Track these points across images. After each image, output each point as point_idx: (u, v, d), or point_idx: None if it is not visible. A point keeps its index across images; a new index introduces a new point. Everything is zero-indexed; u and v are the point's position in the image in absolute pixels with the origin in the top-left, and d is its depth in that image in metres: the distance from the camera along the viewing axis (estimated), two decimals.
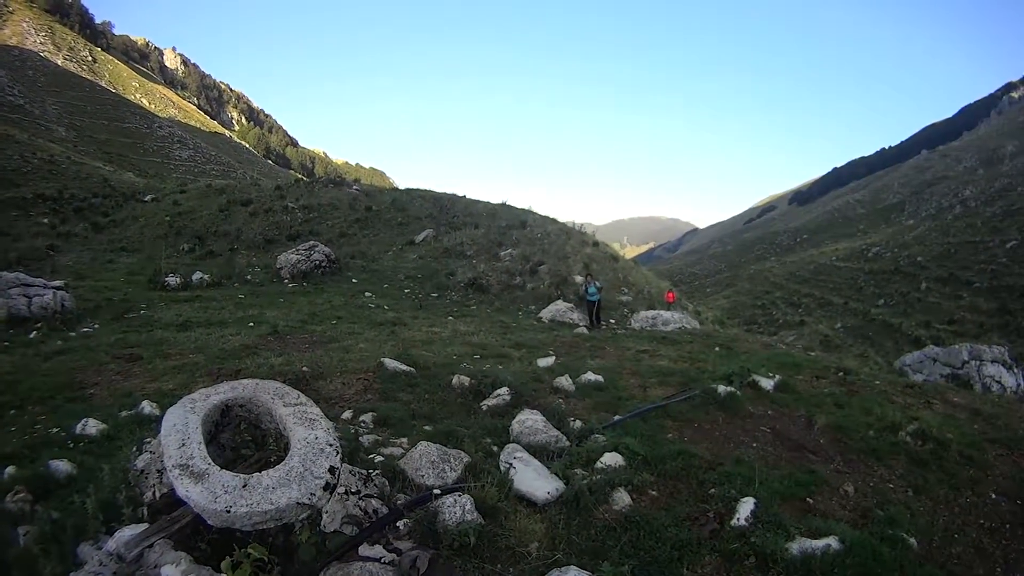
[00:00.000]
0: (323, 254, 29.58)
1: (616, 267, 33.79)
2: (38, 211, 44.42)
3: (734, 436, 9.55)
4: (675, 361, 14.75)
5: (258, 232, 37.65)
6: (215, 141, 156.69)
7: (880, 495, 7.80)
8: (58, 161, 63.62)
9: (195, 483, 5.40)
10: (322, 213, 42.17)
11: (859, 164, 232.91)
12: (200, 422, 6.33)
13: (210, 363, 13.68)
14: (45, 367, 13.55)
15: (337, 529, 5.99)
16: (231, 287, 25.94)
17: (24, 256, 29.56)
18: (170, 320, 18.76)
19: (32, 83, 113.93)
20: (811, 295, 74.09)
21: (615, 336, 19.43)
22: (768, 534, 6.09)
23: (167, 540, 5.52)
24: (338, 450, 6.22)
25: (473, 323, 21.04)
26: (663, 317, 23.14)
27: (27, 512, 7.21)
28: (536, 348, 16.74)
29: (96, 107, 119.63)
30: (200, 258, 32.57)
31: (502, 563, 5.78)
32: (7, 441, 9.49)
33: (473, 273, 29.37)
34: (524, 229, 37.93)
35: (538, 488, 7.02)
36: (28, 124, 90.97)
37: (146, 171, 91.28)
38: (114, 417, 10.23)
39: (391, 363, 13.15)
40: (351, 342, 16.26)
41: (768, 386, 11.67)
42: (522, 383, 11.79)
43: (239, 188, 51.23)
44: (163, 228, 39.43)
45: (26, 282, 19.30)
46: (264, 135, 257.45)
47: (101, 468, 7.53)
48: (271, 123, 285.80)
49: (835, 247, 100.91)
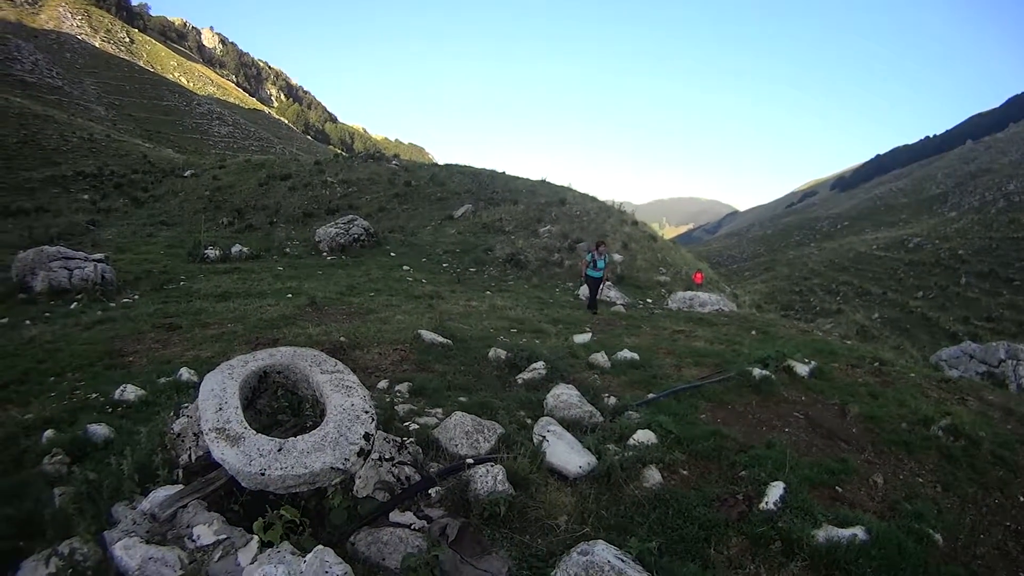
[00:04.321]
0: (362, 228, 29.61)
1: (655, 247, 33.37)
2: (78, 188, 45.20)
3: (767, 420, 9.54)
4: (711, 342, 14.64)
5: (297, 206, 37.83)
6: (254, 117, 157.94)
7: (909, 488, 7.71)
8: (97, 139, 64.52)
9: (231, 446, 5.48)
10: (361, 188, 42.25)
11: (902, 152, 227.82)
12: (238, 387, 6.42)
13: (248, 332, 13.81)
14: (85, 336, 13.73)
15: (369, 495, 6.00)
16: (270, 259, 26.08)
17: (65, 231, 29.99)
18: (209, 291, 18.93)
19: (70, 65, 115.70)
20: (849, 283, 72.75)
21: (652, 316, 19.26)
22: (795, 520, 6.10)
23: (201, 501, 5.59)
24: (373, 417, 6.23)
25: (511, 298, 20.96)
26: (700, 298, 22.84)
27: (64, 474, 7.33)
28: (573, 324, 16.66)
29: (134, 86, 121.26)
30: (239, 231, 32.82)
31: (531, 534, 5.84)
32: (47, 406, 9.65)
33: (511, 249, 29.21)
34: (563, 206, 37.60)
35: (570, 462, 7.05)
36: (67, 104, 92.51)
37: (185, 147, 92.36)
38: (152, 383, 10.38)
39: (428, 335, 13.22)
40: (388, 314, 16.28)
41: (803, 372, 11.53)
42: (558, 358, 11.74)
43: (278, 163, 51.45)
44: (202, 202, 39.84)
45: (67, 255, 19.58)
46: (303, 111, 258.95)
47: (138, 431, 7.65)
48: (310, 99, 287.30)
49: (875, 236, 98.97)
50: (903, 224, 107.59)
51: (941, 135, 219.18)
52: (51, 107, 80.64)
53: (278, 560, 4.53)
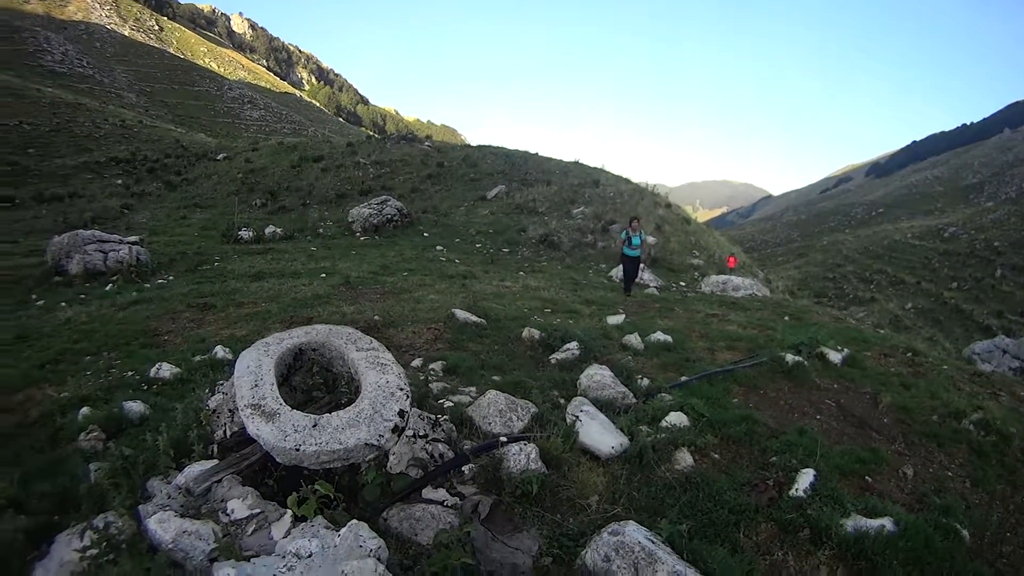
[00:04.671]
0: (395, 208, 29.59)
1: (688, 230, 33.13)
2: (111, 173, 45.68)
3: (799, 406, 9.50)
4: (744, 327, 14.51)
5: (330, 187, 37.94)
6: (285, 101, 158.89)
7: (938, 482, 7.62)
8: (130, 125, 65.28)
9: (266, 422, 5.52)
10: (394, 169, 42.25)
11: (939, 139, 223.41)
12: (273, 364, 6.46)
13: (283, 311, 13.88)
14: (120, 316, 13.87)
15: (403, 471, 6.05)
16: (303, 240, 26.15)
17: (99, 216, 30.33)
18: (243, 271, 19.02)
19: (100, 54, 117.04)
20: (883, 272, 71.78)
21: (685, 298, 19.12)
22: (825, 508, 6.07)
23: (235, 476, 5.64)
24: (408, 395, 6.26)
25: (544, 279, 20.82)
26: (733, 282, 22.71)
27: (99, 450, 7.43)
28: (606, 306, 16.56)
29: (165, 73, 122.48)
30: (272, 213, 32.95)
31: (562, 513, 5.90)
32: (83, 385, 9.76)
33: (545, 230, 29.11)
34: (596, 188, 37.48)
35: (602, 442, 7.05)
36: (99, 92, 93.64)
37: (217, 131, 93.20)
38: (187, 361, 10.49)
39: (462, 314, 13.26)
40: (422, 293, 16.30)
41: (836, 359, 11.44)
42: (591, 339, 11.77)
43: (311, 145, 51.65)
44: (236, 185, 40.10)
45: (102, 238, 19.77)
46: (335, 94, 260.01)
47: (174, 408, 7.74)
48: (341, 82, 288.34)
49: (910, 224, 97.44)
50: (938, 213, 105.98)
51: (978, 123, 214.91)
52: (82, 95, 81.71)
53: (312, 534, 4.51)
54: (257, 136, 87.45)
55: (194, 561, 4.60)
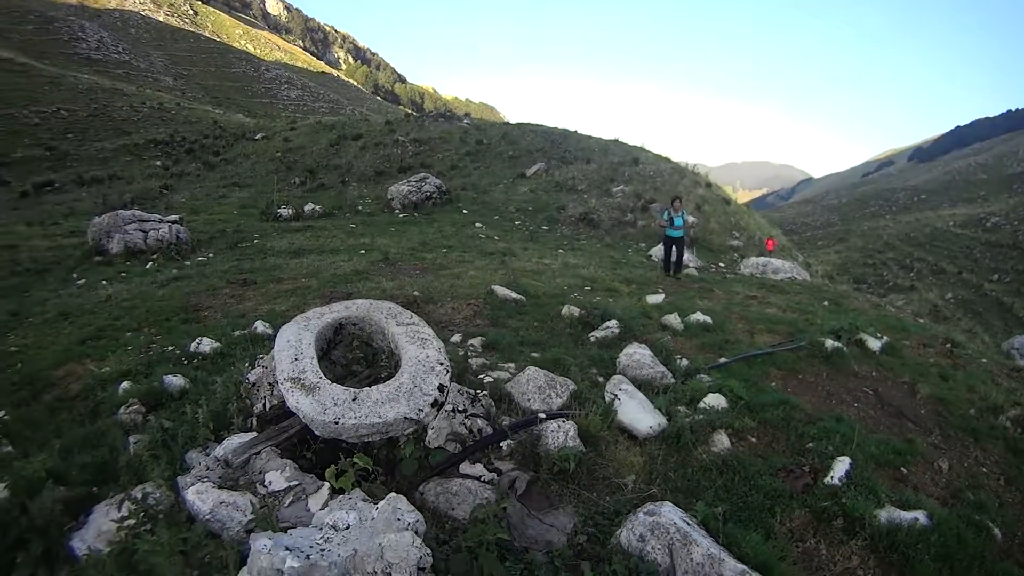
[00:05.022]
0: (434, 185, 29.50)
1: (728, 211, 32.66)
2: (150, 155, 46.21)
3: (836, 393, 9.50)
4: (783, 310, 14.42)
5: (368, 165, 37.86)
6: (322, 80, 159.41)
7: (973, 478, 7.63)
8: (168, 108, 65.90)
9: (306, 395, 5.62)
10: (432, 146, 42.07)
11: (983, 124, 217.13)
12: (313, 339, 6.54)
13: (322, 287, 13.99)
14: (161, 293, 14.03)
15: (441, 446, 6.15)
16: (342, 217, 26.17)
17: (139, 196, 30.67)
18: (283, 248, 19.10)
19: (136, 40, 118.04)
20: (924, 260, 70.08)
21: (724, 280, 18.95)
22: (859, 497, 6.07)
23: (274, 448, 5.69)
24: (448, 369, 6.30)
25: (583, 257, 20.70)
26: (773, 265, 22.36)
27: (139, 423, 7.51)
28: (645, 285, 16.51)
29: (201, 56, 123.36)
30: (311, 191, 33.00)
31: (598, 492, 5.98)
32: (123, 360, 9.89)
33: (584, 208, 28.83)
34: (636, 166, 36.98)
35: (641, 421, 7.11)
36: (136, 77, 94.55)
37: (255, 112, 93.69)
38: (227, 336, 10.59)
39: (501, 290, 13.31)
40: (461, 270, 16.32)
41: (875, 347, 11.39)
42: (631, 318, 11.81)
43: (349, 124, 51.61)
44: (274, 164, 40.23)
45: (142, 218, 19.99)
46: (372, 73, 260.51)
47: (213, 382, 7.85)
48: (378, 61, 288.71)
49: (952, 212, 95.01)
50: (981, 201, 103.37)
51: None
52: (119, 81, 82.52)
53: (349, 506, 4.51)
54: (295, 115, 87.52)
55: (231, 532, 4.62)
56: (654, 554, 4.76)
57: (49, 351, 10.72)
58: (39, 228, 23.74)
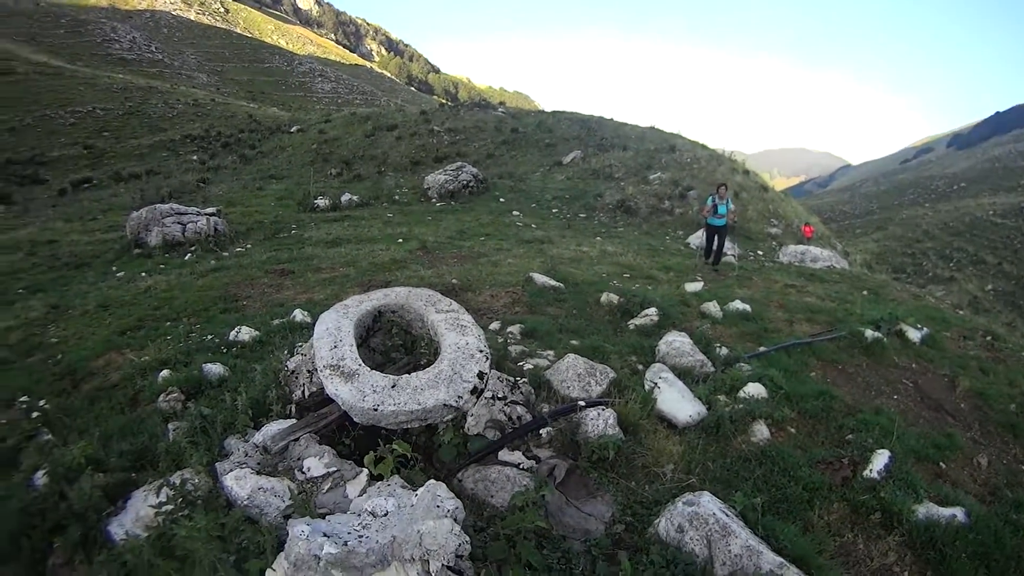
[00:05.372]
0: (471, 174, 29.48)
1: (766, 198, 32.30)
2: (186, 150, 46.90)
3: (876, 384, 9.43)
4: (822, 299, 14.23)
5: (404, 155, 38.03)
6: (356, 72, 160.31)
7: (1012, 475, 7.51)
8: (202, 103, 66.68)
9: (345, 382, 5.79)
10: (468, 135, 42.25)
11: None
12: (352, 326, 6.63)
13: (360, 275, 14.07)
14: (200, 283, 14.15)
15: (480, 433, 6.18)
16: (379, 207, 26.24)
17: (176, 190, 30.96)
18: (320, 238, 19.18)
19: (168, 39, 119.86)
20: (964, 250, 68.62)
21: (763, 268, 18.77)
22: (898, 492, 6.00)
23: (313, 435, 5.76)
24: (488, 356, 6.32)
25: (621, 244, 20.58)
26: (812, 253, 22.15)
27: (178, 410, 7.54)
28: (684, 273, 16.44)
29: (234, 52, 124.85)
30: (347, 181, 33.10)
31: (637, 480, 5.98)
32: (163, 348, 9.98)
33: (621, 195, 28.69)
34: (673, 153, 36.73)
35: (680, 410, 7.13)
36: (170, 75, 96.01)
37: (290, 105, 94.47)
38: (266, 325, 10.65)
39: (539, 278, 13.26)
40: (499, 257, 16.29)
41: (915, 337, 11.28)
42: (669, 305, 11.80)
43: (384, 114, 51.80)
44: (310, 155, 40.51)
45: (180, 211, 20.17)
46: (405, 64, 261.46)
47: (252, 369, 7.92)
48: (411, 52, 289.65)
49: (992, 200, 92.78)
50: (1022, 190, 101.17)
51: None
52: (154, 79, 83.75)
53: (388, 493, 4.50)
54: (329, 108, 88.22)
55: (268, 517, 4.66)
56: (692, 545, 4.75)
57: (89, 342, 10.83)
58: (78, 224, 24.09)
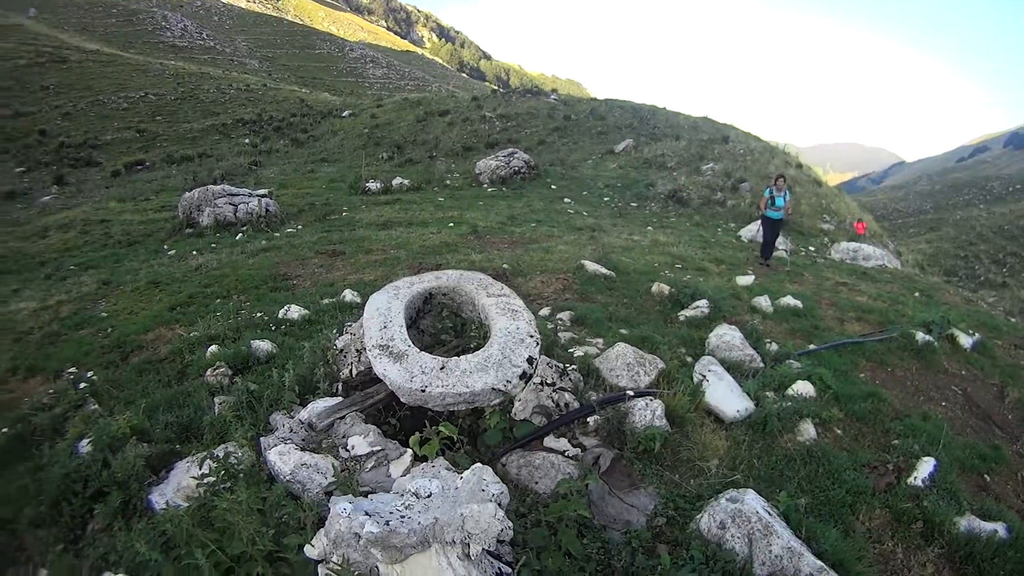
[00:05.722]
0: (522, 160, 29.46)
1: (819, 192, 31.89)
2: (239, 133, 47.52)
3: (925, 389, 9.23)
4: (873, 299, 13.96)
5: (456, 140, 38.21)
6: (407, 59, 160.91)
7: None
8: (254, 89, 67.35)
9: (393, 363, 5.76)
10: (520, 122, 42.30)
11: None
12: (403, 307, 6.67)
13: (411, 258, 14.11)
14: (250, 262, 14.30)
15: (526, 418, 6.18)
16: (430, 191, 26.34)
17: (228, 172, 31.59)
18: (371, 220, 19.31)
19: (219, 27, 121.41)
20: (1017, 255, 66.51)
21: (814, 264, 18.47)
22: (940, 502, 5.89)
23: (359, 414, 5.79)
24: (538, 342, 6.30)
25: (672, 234, 20.40)
26: (864, 251, 21.77)
27: (225, 385, 7.62)
28: (735, 266, 16.23)
29: (285, 39, 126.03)
30: (399, 165, 33.37)
31: (681, 474, 5.97)
32: (212, 325, 10.06)
33: (673, 185, 28.53)
34: (726, 144, 36.60)
35: (728, 405, 7.07)
36: (221, 61, 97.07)
37: (341, 90, 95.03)
38: (316, 304, 10.77)
39: (591, 265, 13.21)
40: (550, 244, 16.21)
41: (966, 343, 10.94)
42: (720, 298, 11.73)
43: (435, 100, 52.21)
44: (362, 140, 40.89)
45: (232, 192, 20.46)
46: (456, 50, 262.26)
47: (301, 347, 7.93)
48: (463, 38, 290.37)
49: None
50: None
51: None
52: (206, 65, 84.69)
53: (433, 474, 4.51)
54: (381, 93, 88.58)
55: (310, 493, 4.66)
56: (733, 542, 4.69)
57: (139, 317, 11.01)
58: (130, 204, 24.63)
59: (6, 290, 13.85)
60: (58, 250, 17.34)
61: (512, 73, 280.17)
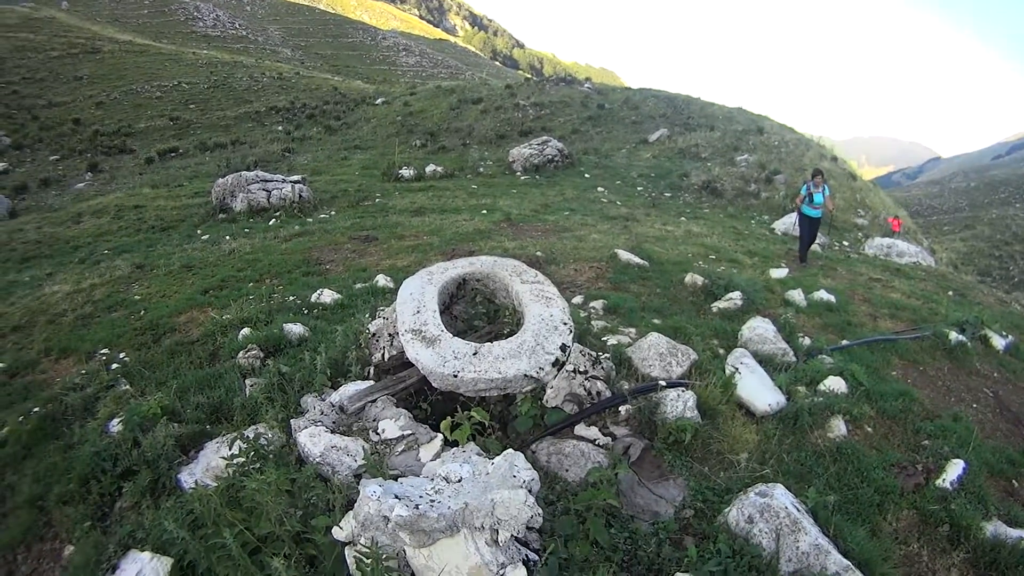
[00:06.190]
0: (556, 149, 29.41)
1: (853, 187, 31.60)
2: (272, 121, 47.85)
3: (956, 390, 9.13)
4: (907, 296, 13.79)
5: (489, 128, 38.21)
6: (440, 47, 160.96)
7: None
8: (287, 77, 67.72)
9: (426, 347, 5.82)
10: (553, 110, 42.19)
11: None
12: (436, 292, 6.68)
13: (444, 244, 14.16)
14: (284, 247, 14.41)
15: (558, 405, 6.14)
16: (463, 178, 26.38)
17: (262, 159, 31.75)
18: (404, 207, 19.39)
19: (251, 16, 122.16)
20: None
21: (848, 259, 18.28)
22: (968, 506, 5.84)
23: (390, 397, 5.82)
24: (572, 329, 6.32)
25: (706, 225, 20.28)
26: (898, 248, 21.55)
27: (256, 367, 7.67)
28: (768, 258, 16.13)
29: (318, 27, 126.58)
30: (432, 153, 33.47)
31: (710, 466, 5.93)
32: (244, 308, 10.14)
33: (707, 176, 28.36)
34: (761, 135, 36.21)
35: (759, 398, 7.04)
36: (254, 50, 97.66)
37: (374, 78, 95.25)
38: (348, 288, 10.84)
39: (624, 254, 13.26)
40: (584, 232, 16.21)
41: (1000, 345, 10.86)
42: (754, 290, 11.70)
43: (468, 88, 52.08)
44: (395, 127, 40.98)
45: (265, 178, 20.55)
46: (489, 39, 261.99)
47: (333, 330, 7.96)
48: (496, 27, 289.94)
49: None
50: None
51: None
52: (238, 54, 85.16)
53: (463, 459, 4.52)
54: (414, 81, 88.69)
55: (340, 476, 4.67)
56: (760, 537, 4.67)
57: (172, 299, 11.11)
58: (164, 190, 24.75)
59: (40, 273, 14.01)
60: (92, 235, 17.52)
61: (545, 62, 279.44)
